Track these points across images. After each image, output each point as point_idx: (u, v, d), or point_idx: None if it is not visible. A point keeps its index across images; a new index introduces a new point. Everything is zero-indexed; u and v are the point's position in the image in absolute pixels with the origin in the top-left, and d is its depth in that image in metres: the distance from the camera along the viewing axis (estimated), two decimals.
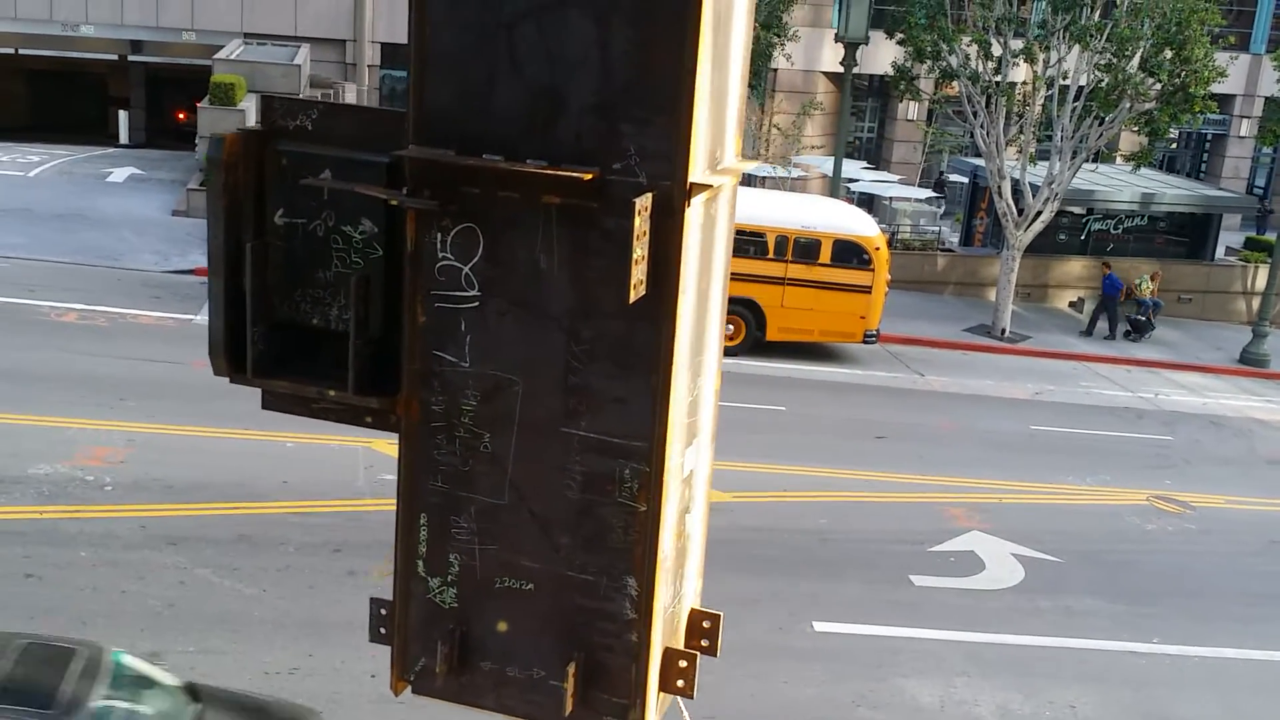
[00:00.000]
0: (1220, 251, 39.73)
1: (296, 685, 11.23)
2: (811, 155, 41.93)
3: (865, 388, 26.18)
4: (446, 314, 3.23)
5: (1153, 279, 35.78)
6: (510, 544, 3.29)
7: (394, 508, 3.36)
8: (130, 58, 45.96)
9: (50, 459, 16.06)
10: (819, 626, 14.13)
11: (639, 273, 3.03)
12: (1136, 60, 30.38)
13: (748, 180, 38.14)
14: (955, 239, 40.05)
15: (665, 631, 3.36)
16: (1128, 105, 31.02)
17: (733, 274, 15.44)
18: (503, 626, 3.32)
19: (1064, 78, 31.51)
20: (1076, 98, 31.52)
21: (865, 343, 27.67)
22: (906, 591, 15.57)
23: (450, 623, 3.34)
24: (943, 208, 42.28)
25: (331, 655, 11.50)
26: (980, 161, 34.44)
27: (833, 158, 36.00)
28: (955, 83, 32.48)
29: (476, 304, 3.21)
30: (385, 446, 17.00)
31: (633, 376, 3.15)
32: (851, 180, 39.04)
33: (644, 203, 3.01)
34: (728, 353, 26.24)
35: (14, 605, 12.51)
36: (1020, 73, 32.97)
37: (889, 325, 29.11)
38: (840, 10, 36.09)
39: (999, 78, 31.58)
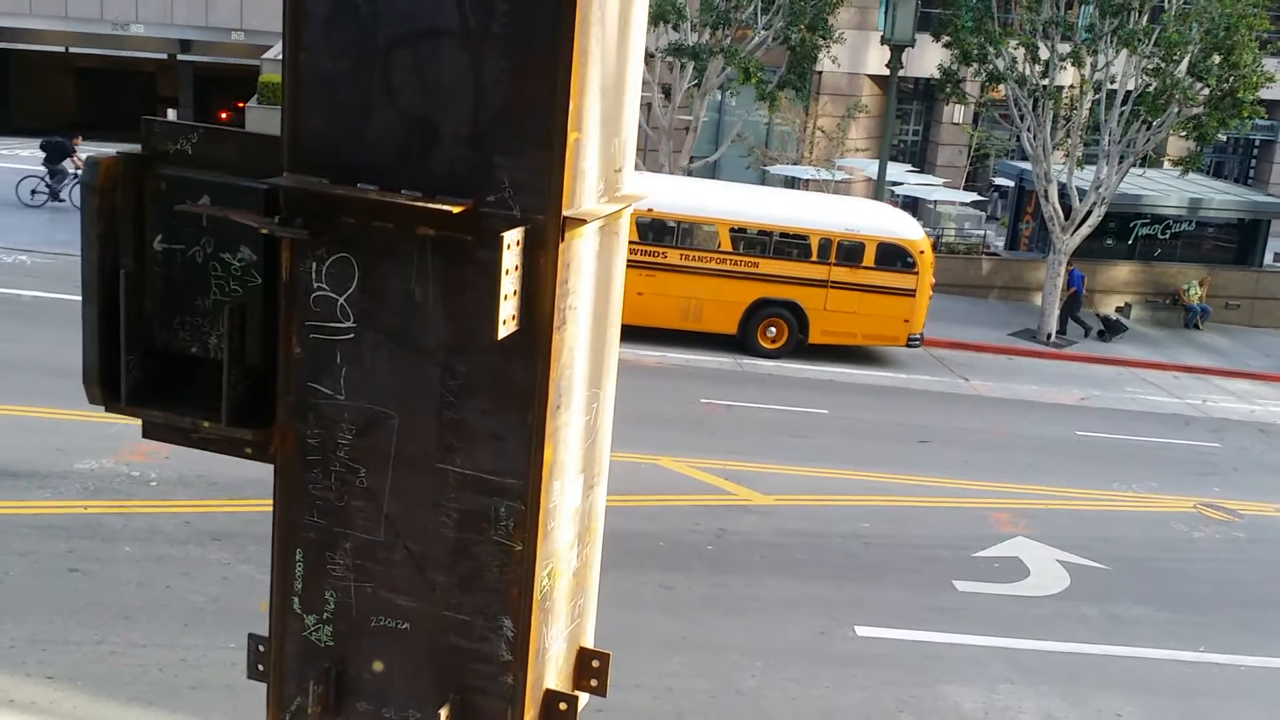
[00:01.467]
0: (1269, 257, 39.14)
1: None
2: (855, 158, 41.70)
3: (909, 392, 25.98)
4: (322, 345, 3.15)
5: (1201, 285, 35.33)
6: (386, 582, 3.20)
7: None
8: (179, 57, 46.44)
9: (95, 454, 16.20)
10: (861, 631, 14.00)
11: (509, 308, 2.94)
12: (1184, 65, 29.98)
13: (790, 182, 37.97)
14: (1000, 243, 39.68)
15: (546, 672, 3.27)
16: (1175, 110, 30.60)
17: (775, 276, 15.63)
18: (378, 666, 3.24)
19: (1111, 82, 31.13)
20: (1124, 102, 31.13)
21: (909, 346, 27.44)
22: (950, 597, 15.39)
23: (326, 661, 3.26)
24: (989, 210, 41.92)
25: None
26: (1027, 165, 34.09)
27: (877, 161, 35.78)
28: (1002, 86, 32.19)
29: (352, 335, 3.13)
30: None
31: (508, 413, 3.06)
32: (896, 183, 38.80)
33: (514, 237, 2.92)
34: (770, 355, 26.10)
35: (58, 599, 12.64)
36: (1067, 76, 32.61)
37: (933, 329, 28.88)
38: (886, 13, 35.88)
39: (1046, 81, 31.25)
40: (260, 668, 3.35)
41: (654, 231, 25.42)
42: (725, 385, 23.83)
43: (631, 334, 24.54)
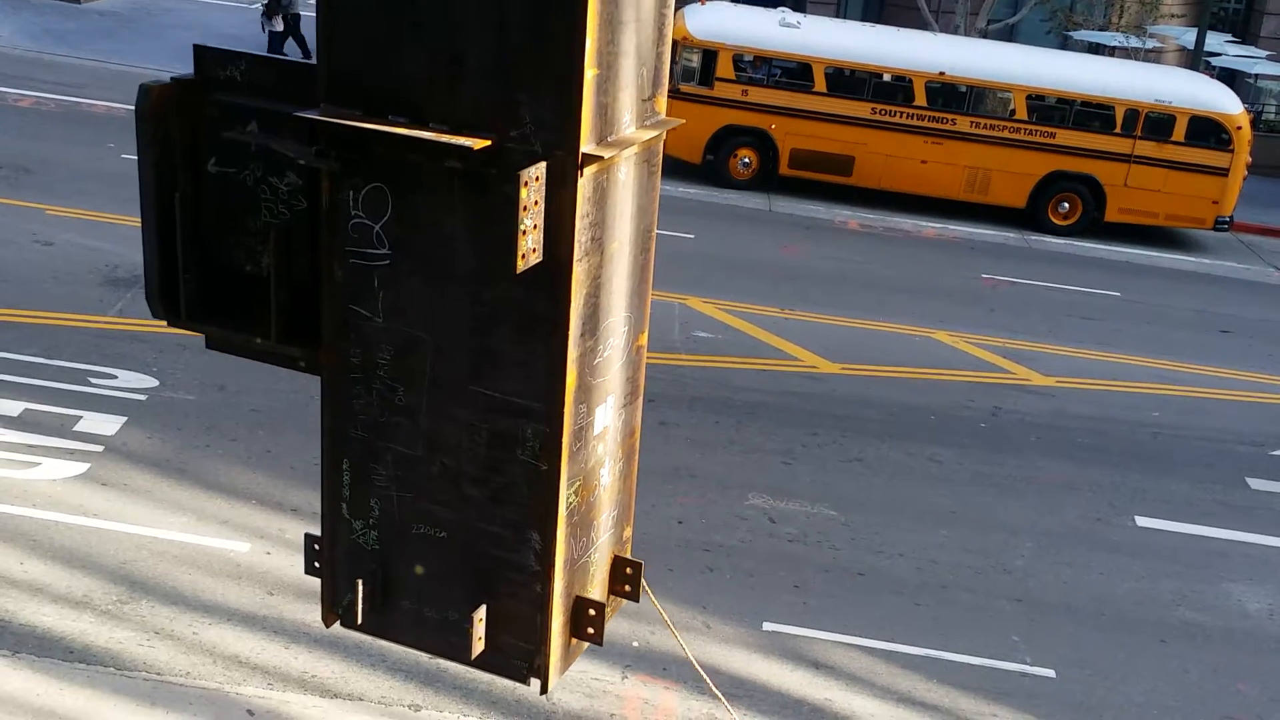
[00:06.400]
0: None
1: None
2: (1169, 25, 38.96)
3: (1212, 278, 24.52)
4: (360, 270, 3.29)
5: None
6: (425, 493, 3.40)
7: (707, 364, 3.41)
8: None
9: None
10: (1141, 521, 13.68)
11: (529, 242, 3.04)
12: None
13: (1095, 49, 35.49)
14: None
15: (575, 582, 3.45)
16: None
17: (1072, 148, 15.10)
18: (419, 570, 3.46)
19: None
20: None
21: (1216, 230, 25.79)
22: (1242, 494, 14.85)
23: (372, 563, 3.49)
24: None
25: (642, 499, 11.73)
26: None
27: (1193, 29, 33.52)
28: None
29: (388, 262, 3.26)
30: (700, 304, 17.29)
31: (531, 340, 3.19)
32: (1213, 54, 36.09)
33: (533, 174, 3.00)
34: (1060, 232, 25.08)
35: None
36: None
37: (1244, 213, 26.84)
38: None
39: None
40: (316, 565, 3.60)
41: (943, 97, 24.43)
42: (1009, 261, 23.09)
43: (912, 203, 23.99)
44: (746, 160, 23.73)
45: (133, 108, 3.34)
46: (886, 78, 23.75)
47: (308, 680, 9.07)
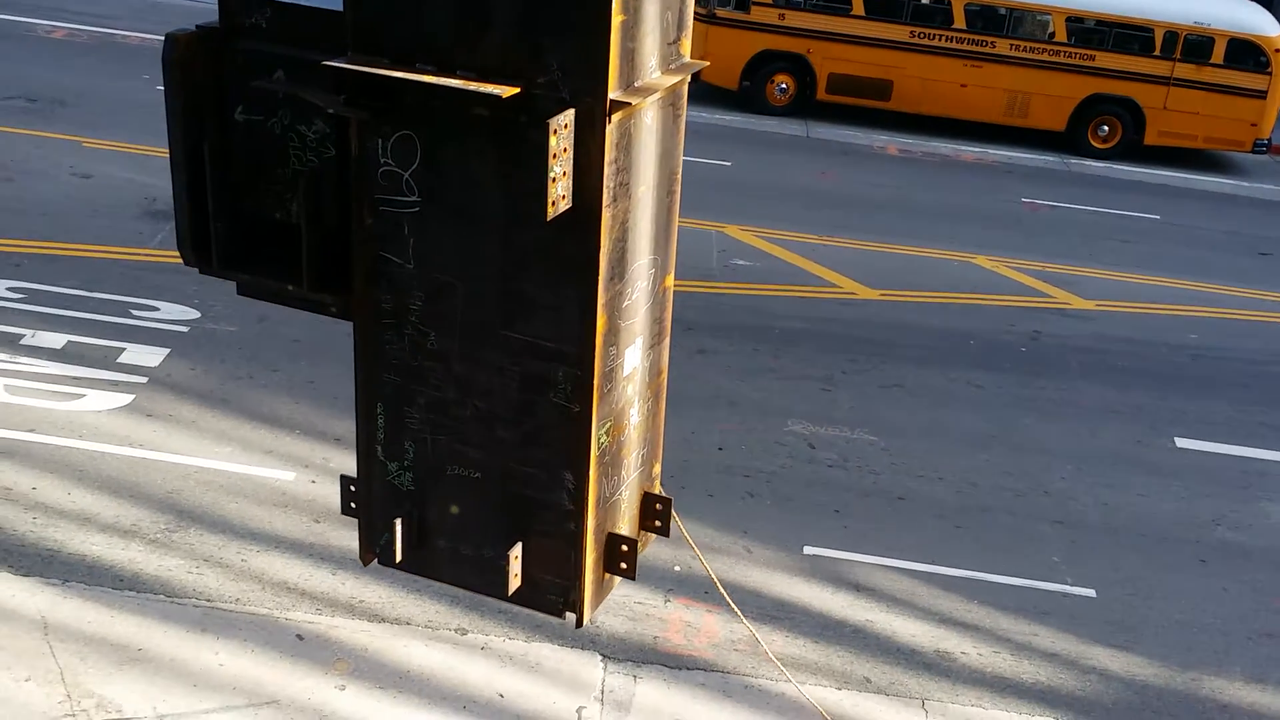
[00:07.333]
0: None
1: None
2: None
3: (1251, 200, 24.23)
4: (390, 217, 3.32)
5: None
6: (459, 435, 3.45)
7: (745, 291, 3.43)
8: None
9: None
10: (1181, 443, 13.63)
11: (558, 189, 3.06)
12: None
13: None
14: None
15: (608, 519, 3.51)
16: None
17: (1112, 71, 14.88)
18: (455, 509, 3.52)
19: None
20: None
21: (1254, 153, 25.54)
22: None
23: (408, 504, 3.56)
24: None
25: (682, 426, 11.77)
26: None
27: None
28: None
29: (417, 209, 3.29)
30: (738, 232, 17.23)
31: (562, 285, 3.22)
32: None
33: (561, 121, 3.01)
34: (1099, 155, 24.87)
35: None
36: None
37: None
38: None
39: None
40: (352, 505, 3.66)
41: (982, 20, 24.28)
42: (1048, 185, 22.85)
43: (951, 127, 23.76)
44: (783, 86, 23.55)
45: (172, 30, 3.37)
46: (925, 0, 23.47)
47: (355, 605, 9.24)
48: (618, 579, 3.61)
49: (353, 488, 3.66)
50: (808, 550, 10.60)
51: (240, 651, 8.72)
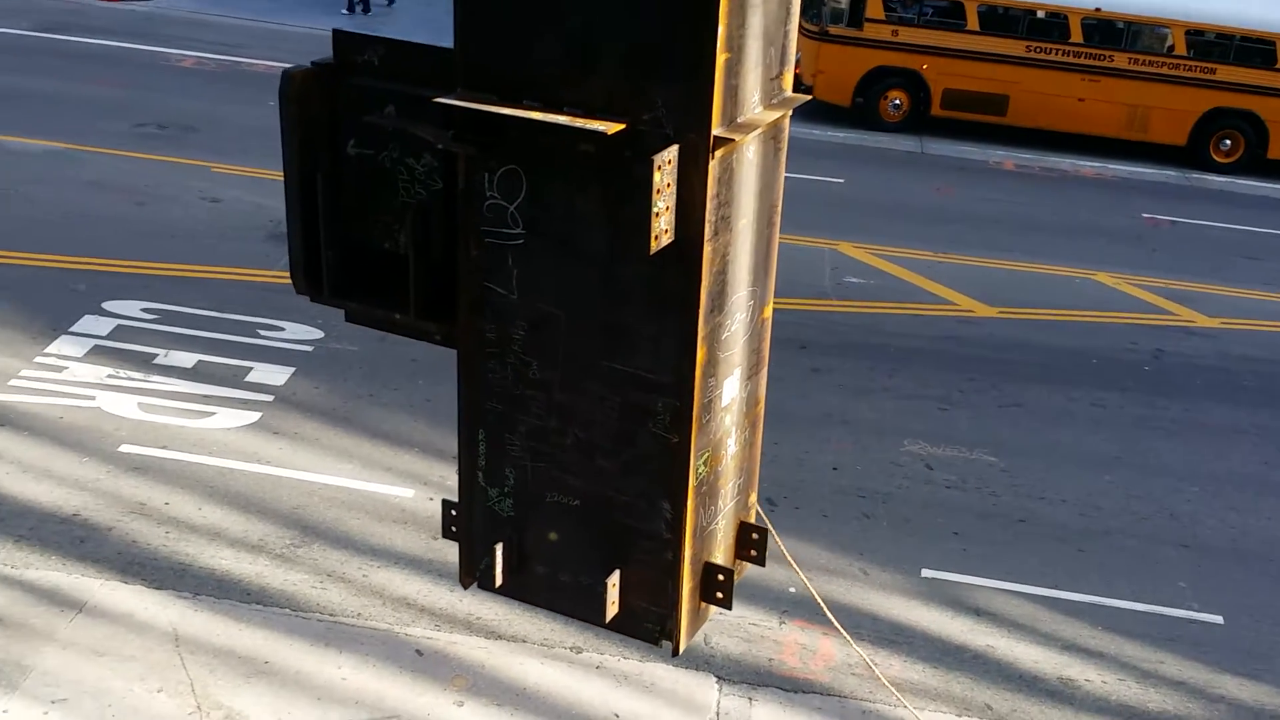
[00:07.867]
0: None
1: (761, 473, 11.68)
2: None
3: None
4: (495, 249, 3.40)
5: None
6: (559, 463, 3.51)
7: (860, 309, 3.47)
8: None
9: None
10: None
11: (661, 223, 3.11)
12: None
13: None
14: None
15: (705, 548, 3.54)
16: None
17: (1234, 84, 14.87)
18: (553, 536, 3.58)
19: None
20: None
21: None
22: None
23: (508, 529, 3.63)
24: None
25: (795, 446, 11.89)
26: None
27: None
28: None
29: (522, 241, 3.36)
30: (851, 249, 17.23)
31: (663, 317, 3.26)
32: None
33: (666, 157, 3.06)
34: (1222, 170, 24.44)
35: None
36: None
37: None
38: None
39: None
40: (453, 529, 3.74)
41: (1100, 33, 24.04)
42: (1170, 200, 22.50)
43: (1070, 142, 23.51)
44: (897, 102, 23.42)
45: (289, 66, 3.48)
46: (1041, 14, 23.20)
47: (473, 622, 9.36)
48: (713, 608, 3.64)
49: (454, 512, 3.74)
50: (926, 573, 10.50)
51: (362, 665, 8.89)
